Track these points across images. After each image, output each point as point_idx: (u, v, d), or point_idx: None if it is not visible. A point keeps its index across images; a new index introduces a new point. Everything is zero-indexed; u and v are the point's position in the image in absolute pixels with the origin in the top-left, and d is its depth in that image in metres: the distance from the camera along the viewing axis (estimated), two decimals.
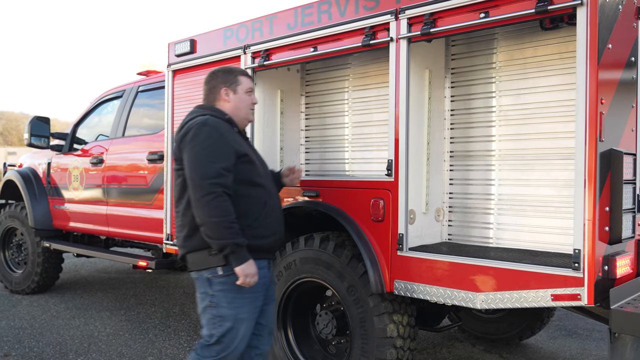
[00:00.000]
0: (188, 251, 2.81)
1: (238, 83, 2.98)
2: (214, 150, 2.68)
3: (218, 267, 2.71)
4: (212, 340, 2.75)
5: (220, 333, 2.73)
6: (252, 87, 3.07)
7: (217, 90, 2.97)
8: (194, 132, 2.72)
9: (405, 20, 3.13)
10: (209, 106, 2.97)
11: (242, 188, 2.78)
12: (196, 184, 2.64)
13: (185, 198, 2.75)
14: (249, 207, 2.80)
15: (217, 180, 2.63)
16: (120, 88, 6.14)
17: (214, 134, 2.72)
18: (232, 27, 4.17)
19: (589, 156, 2.53)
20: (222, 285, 2.73)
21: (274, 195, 3.02)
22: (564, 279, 2.58)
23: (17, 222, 6.83)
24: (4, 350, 4.75)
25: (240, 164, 2.79)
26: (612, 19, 2.65)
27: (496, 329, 4.80)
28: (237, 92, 2.98)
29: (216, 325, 2.74)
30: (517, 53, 3.37)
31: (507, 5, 2.77)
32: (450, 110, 3.65)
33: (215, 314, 2.75)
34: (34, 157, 7.02)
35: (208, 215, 2.61)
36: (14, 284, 6.82)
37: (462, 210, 3.60)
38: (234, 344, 2.76)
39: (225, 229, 2.61)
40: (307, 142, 4.46)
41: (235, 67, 3.12)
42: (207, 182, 2.61)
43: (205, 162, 2.65)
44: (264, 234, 2.86)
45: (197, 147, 2.69)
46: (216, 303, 2.74)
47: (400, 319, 3.30)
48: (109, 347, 4.81)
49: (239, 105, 2.98)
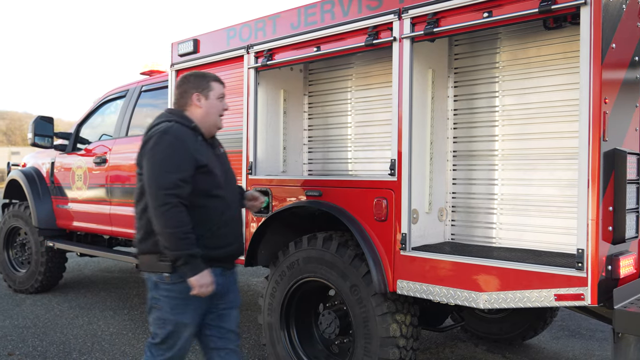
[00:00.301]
0: (140, 253, 2.86)
1: (210, 89, 2.96)
2: (172, 161, 2.70)
3: (165, 273, 2.76)
4: (157, 340, 2.84)
5: (163, 335, 2.81)
6: (224, 93, 3.05)
7: (188, 95, 2.94)
8: (155, 140, 2.73)
9: (409, 20, 3.13)
10: (178, 112, 2.95)
11: (199, 199, 2.80)
12: (153, 193, 2.67)
13: (142, 202, 2.78)
14: (205, 217, 2.82)
15: (173, 191, 2.65)
16: (123, 88, 6.15)
17: (175, 144, 2.73)
18: (235, 27, 4.17)
19: (593, 156, 2.53)
20: (167, 291, 2.78)
21: (232, 206, 3.01)
22: (568, 279, 2.58)
23: (20, 221, 6.85)
24: (8, 349, 4.77)
25: (199, 174, 2.79)
26: (616, 19, 2.65)
27: (499, 329, 4.79)
28: (208, 98, 2.95)
29: (159, 326, 2.82)
30: (521, 52, 3.37)
31: (511, 5, 2.77)
32: (453, 110, 3.65)
33: (159, 316, 2.82)
34: (38, 157, 7.04)
35: (164, 225, 2.65)
36: (18, 283, 6.84)
37: (465, 210, 3.60)
38: (177, 346, 2.85)
39: (180, 240, 2.65)
40: (310, 142, 4.46)
41: (208, 72, 3.10)
42: (163, 193, 2.64)
43: (162, 173, 2.67)
44: (218, 245, 2.87)
45: (156, 157, 2.71)
46: (160, 306, 2.80)
47: (403, 319, 3.30)
48: (112, 346, 4.82)
49: (210, 112, 2.95)
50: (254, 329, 5.29)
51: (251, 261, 3.97)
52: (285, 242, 3.84)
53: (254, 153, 4.04)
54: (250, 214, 4.00)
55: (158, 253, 2.74)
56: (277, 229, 3.94)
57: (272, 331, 3.85)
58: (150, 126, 2.88)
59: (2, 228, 7.18)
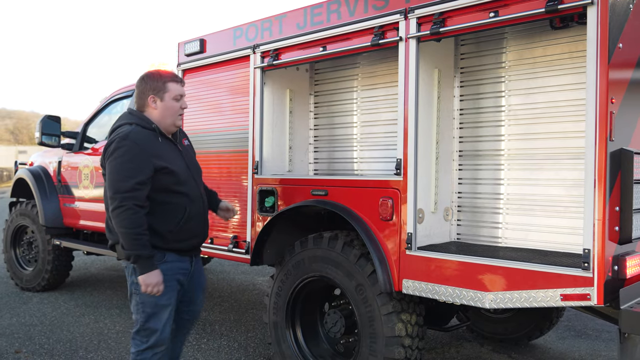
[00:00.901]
0: (116, 242, 3.01)
1: (165, 90, 3.05)
2: (130, 166, 2.85)
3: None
4: (138, 326, 3.03)
5: (144, 318, 3.00)
6: (182, 92, 3.13)
7: (145, 96, 3.06)
8: (115, 146, 2.90)
9: (415, 20, 3.13)
10: (138, 113, 3.08)
11: (162, 196, 2.98)
12: (111, 196, 2.87)
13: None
14: (169, 213, 3.01)
15: (130, 194, 2.82)
16: (130, 87, 6.16)
17: (134, 149, 2.88)
18: (242, 27, 4.19)
19: (599, 156, 2.52)
20: None
21: (197, 199, 3.16)
22: (574, 279, 2.57)
23: (28, 220, 6.89)
24: (15, 346, 4.80)
25: (160, 175, 2.95)
26: (623, 18, 2.64)
27: (505, 329, 4.78)
28: (163, 100, 3.05)
29: (139, 310, 3.01)
30: (527, 52, 3.36)
31: (517, 5, 2.77)
32: (459, 110, 3.65)
33: (138, 301, 3.00)
34: (45, 156, 7.08)
35: (119, 225, 2.84)
36: (25, 282, 6.88)
37: (471, 210, 3.59)
38: (158, 327, 3.01)
39: (132, 240, 2.84)
40: (316, 141, 4.47)
41: (166, 72, 3.16)
42: (120, 196, 2.82)
43: (120, 177, 2.85)
44: (184, 238, 3.07)
45: (115, 161, 2.88)
46: (138, 291, 2.96)
47: (408, 318, 3.30)
48: (119, 344, 4.85)
49: (165, 113, 3.05)
50: (260, 328, 5.31)
51: (257, 260, 3.98)
52: (291, 241, 3.85)
53: (260, 152, 4.05)
54: (256, 213, 4.01)
55: None
56: (282, 228, 3.95)
57: (277, 330, 3.86)
58: (112, 129, 3.05)
59: (9, 226, 7.23)
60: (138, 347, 3.03)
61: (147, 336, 3.01)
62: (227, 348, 4.78)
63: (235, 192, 4.25)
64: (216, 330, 5.28)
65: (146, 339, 3.01)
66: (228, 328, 5.35)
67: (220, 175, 4.40)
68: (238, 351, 4.70)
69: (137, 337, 3.04)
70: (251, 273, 8.01)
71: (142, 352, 3.03)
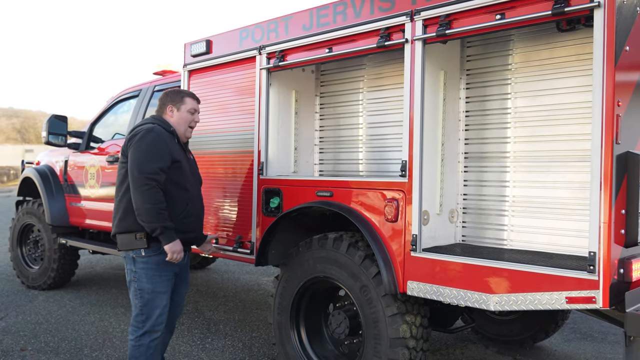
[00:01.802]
0: (119, 232, 3.38)
1: (182, 103, 3.59)
2: (154, 152, 3.29)
3: (142, 249, 3.33)
4: (137, 311, 3.36)
5: (142, 304, 3.33)
6: (197, 108, 3.67)
7: (165, 106, 3.61)
8: (141, 135, 3.33)
9: (421, 22, 3.14)
10: (159, 117, 3.58)
11: (171, 188, 3.37)
12: (136, 176, 3.23)
13: (123, 186, 3.35)
14: (172, 205, 3.37)
15: (153, 176, 3.23)
16: (136, 87, 6.20)
17: (157, 140, 3.34)
18: (248, 28, 4.20)
19: (605, 158, 2.52)
20: (144, 264, 3.34)
21: (197, 200, 3.63)
22: (579, 282, 2.57)
23: (34, 218, 6.93)
24: (21, 344, 4.83)
25: (173, 168, 3.38)
26: (630, 21, 2.64)
27: (510, 331, 4.78)
28: (180, 110, 3.58)
29: (137, 296, 3.35)
30: (533, 55, 3.36)
31: (524, 7, 2.76)
32: (465, 112, 3.64)
33: (137, 288, 3.35)
34: (52, 155, 7.11)
35: (145, 202, 3.20)
36: (31, 280, 6.92)
37: (476, 212, 3.59)
38: (155, 313, 3.35)
39: (157, 213, 3.22)
40: (321, 143, 4.48)
41: (185, 90, 3.77)
42: (145, 176, 3.21)
43: (146, 160, 3.25)
44: (181, 230, 3.41)
45: (142, 147, 3.29)
46: (137, 278, 3.34)
47: (413, 320, 3.30)
48: (123, 343, 4.87)
49: (180, 122, 3.58)
50: (264, 328, 5.32)
51: (261, 260, 3.99)
52: (296, 242, 3.85)
53: (265, 153, 4.06)
54: (261, 214, 4.02)
55: (134, 232, 3.31)
56: (287, 229, 3.96)
57: (282, 330, 3.87)
58: (137, 125, 3.50)
59: (16, 225, 7.27)
60: (135, 333, 3.35)
61: (144, 321, 3.34)
62: (232, 348, 4.79)
63: (240, 193, 4.26)
64: (220, 330, 5.30)
65: (142, 324, 3.34)
66: (232, 328, 5.36)
67: (225, 175, 4.41)
68: (242, 351, 4.71)
69: (134, 322, 3.37)
70: (256, 273, 8.02)
71: (140, 337, 3.34)
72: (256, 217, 4.08)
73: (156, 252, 3.34)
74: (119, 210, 3.39)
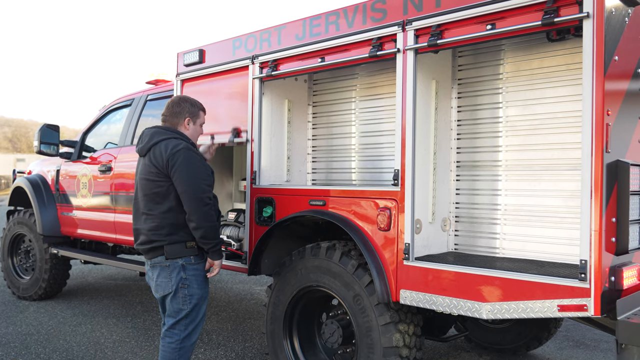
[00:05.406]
0: (168, 243, 3.37)
1: (198, 116, 3.60)
2: (203, 171, 3.37)
3: (192, 256, 3.40)
4: (182, 315, 3.38)
5: (189, 308, 3.38)
6: (204, 121, 3.69)
7: (182, 116, 3.54)
8: (184, 155, 3.31)
9: (412, 32, 3.16)
10: (177, 131, 3.50)
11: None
12: (196, 197, 3.28)
13: (166, 204, 3.34)
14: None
15: (209, 195, 3.36)
16: (129, 97, 6.19)
17: (199, 159, 3.40)
18: (241, 38, 4.21)
19: (596, 167, 2.54)
20: (194, 270, 3.41)
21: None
22: (571, 290, 2.58)
23: (25, 228, 6.88)
24: (11, 355, 4.78)
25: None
26: (619, 31, 2.67)
27: (503, 339, 4.78)
28: (195, 124, 3.60)
29: (187, 302, 3.38)
30: (524, 64, 3.39)
31: (514, 18, 2.79)
32: (457, 121, 3.67)
33: (186, 293, 3.38)
34: (43, 164, 7.08)
35: (207, 220, 3.31)
36: (22, 290, 6.86)
37: (468, 220, 3.60)
38: (198, 317, 3.45)
39: (216, 231, 3.41)
40: (314, 152, 4.49)
41: (198, 102, 3.65)
42: (203, 196, 3.30)
43: (199, 180, 3.32)
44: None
45: (191, 168, 3.31)
46: (188, 284, 3.38)
47: (406, 329, 3.30)
48: (115, 354, 4.83)
49: (194, 135, 3.61)
50: (257, 338, 5.29)
51: (254, 270, 3.98)
52: (289, 251, 3.85)
53: (258, 162, 4.07)
54: (254, 223, 4.01)
55: (184, 242, 3.36)
56: (280, 238, 3.95)
57: (275, 340, 3.85)
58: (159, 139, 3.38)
59: (6, 235, 7.22)
60: (178, 336, 3.38)
61: (188, 325, 3.40)
62: (225, 358, 4.76)
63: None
64: (213, 339, 5.27)
65: (185, 327, 3.39)
66: (225, 337, 5.33)
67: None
68: None
69: (177, 327, 3.39)
70: (249, 282, 7.99)
71: (183, 340, 3.39)
72: (249, 226, 4.07)
73: (202, 260, 3.45)
74: (164, 227, 3.34)
